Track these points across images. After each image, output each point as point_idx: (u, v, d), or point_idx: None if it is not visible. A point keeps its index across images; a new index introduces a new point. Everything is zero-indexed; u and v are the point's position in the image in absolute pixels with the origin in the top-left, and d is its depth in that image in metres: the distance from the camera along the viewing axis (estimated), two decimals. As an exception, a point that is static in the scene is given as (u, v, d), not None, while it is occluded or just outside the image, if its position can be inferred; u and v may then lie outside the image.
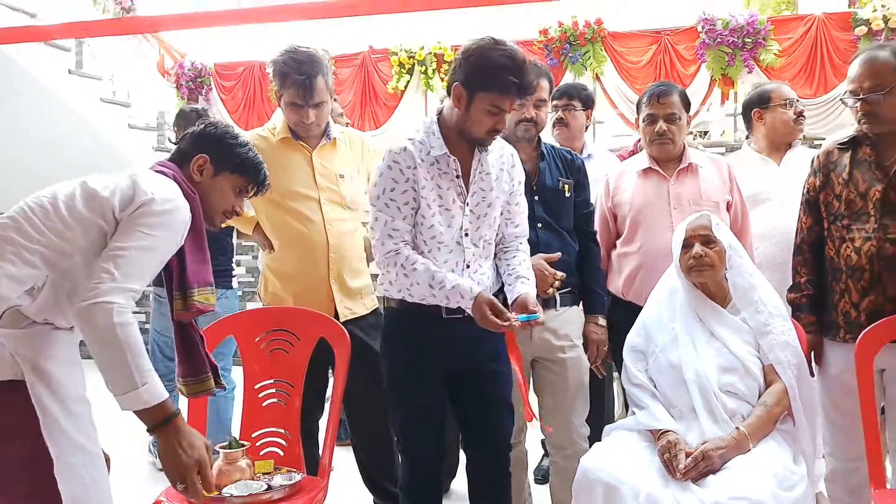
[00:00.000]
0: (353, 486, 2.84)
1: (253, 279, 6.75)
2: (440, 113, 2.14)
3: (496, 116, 2.02)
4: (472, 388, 2.22)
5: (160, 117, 7.13)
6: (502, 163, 2.20)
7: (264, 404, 2.37)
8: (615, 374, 3.28)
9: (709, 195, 2.60)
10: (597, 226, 2.74)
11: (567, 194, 2.54)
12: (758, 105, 3.02)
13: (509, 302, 2.13)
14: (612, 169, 2.84)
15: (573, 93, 3.25)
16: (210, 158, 1.89)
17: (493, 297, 2.03)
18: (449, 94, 2.07)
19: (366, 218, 2.66)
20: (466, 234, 2.12)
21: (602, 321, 2.58)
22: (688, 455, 1.99)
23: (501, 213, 2.22)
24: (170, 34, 7.07)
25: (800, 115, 2.98)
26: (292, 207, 2.48)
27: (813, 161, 2.41)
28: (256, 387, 2.37)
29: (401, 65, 6.27)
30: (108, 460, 1.82)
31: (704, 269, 2.24)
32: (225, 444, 2.14)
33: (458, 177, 2.11)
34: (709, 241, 2.25)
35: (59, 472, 1.65)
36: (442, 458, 2.28)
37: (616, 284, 2.72)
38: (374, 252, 2.09)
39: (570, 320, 2.54)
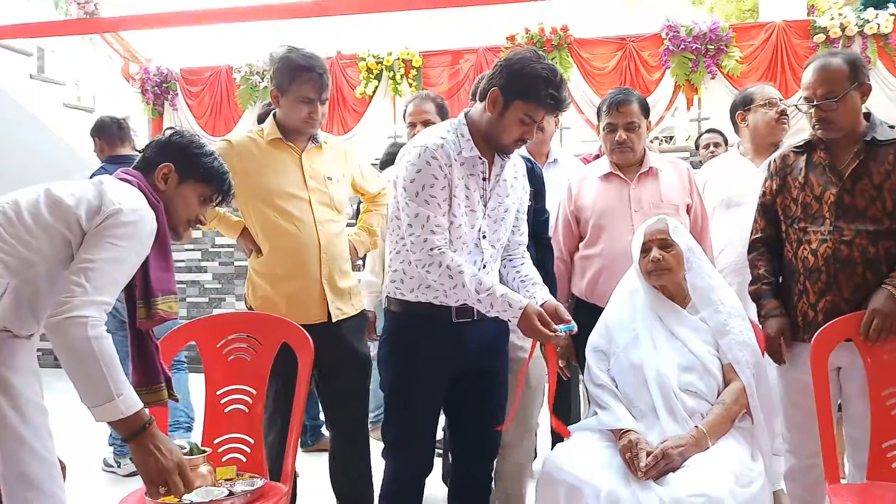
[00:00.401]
0: (318, 493, 2.83)
1: (220, 285, 6.70)
2: (467, 115, 2.15)
3: (527, 126, 2.06)
4: (473, 391, 2.23)
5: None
6: (516, 171, 2.24)
7: (226, 410, 2.35)
8: (580, 376, 3.31)
9: (669, 198, 2.64)
10: (560, 229, 2.78)
11: (528, 203, 2.57)
12: (741, 107, 3.03)
13: None
14: (575, 173, 2.87)
15: None
16: (175, 167, 1.88)
17: (540, 308, 2.04)
18: (482, 98, 2.09)
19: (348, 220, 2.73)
20: (484, 237, 2.14)
21: None
22: (648, 454, 2.01)
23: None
24: (135, 39, 6.98)
25: (782, 114, 2.98)
26: (283, 208, 2.48)
27: (769, 165, 2.45)
28: (218, 393, 2.35)
29: (369, 70, 6.26)
30: (63, 468, 1.81)
31: (663, 273, 2.28)
32: (186, 450, 2.12)
33: (484, 179, 2.13)
34: (666, 244, 2.28)
35: (14, 479, 1.64)
36: (430, 468, 2.28)
37: (579, 287, 2.76)
38: (413, 248, 2.04)
39: None
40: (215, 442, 2.31)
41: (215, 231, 6.68)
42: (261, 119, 3.57)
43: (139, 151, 1.97)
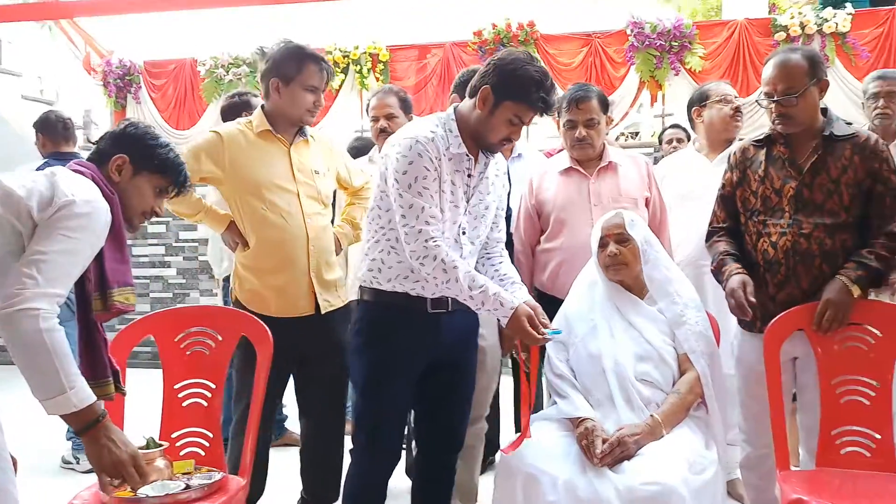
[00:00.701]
0: (282, 488, 2.82)
1: (184, 280, 6.63)
2: (456, 110, 2.16)
3: (514, 127, 2.08)
4: (443, 383, 2.25)
5: (86, 115, 6.95)
6: (497, 169, 2.26)
7: (185, 404, 2.33)
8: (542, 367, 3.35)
9: (628, 192, 2.68)
10: (521, 223, 2.80)
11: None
12: (697, 103, 3.10)
13: None
14: (536, 168, 2.89)
15: None
16: (129, 158, 1.87)
17: (531, 310, 2.05)
18: (471, 95, 2.10)
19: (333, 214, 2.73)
20: (464, 233, 2.15)
21: None
22: (604, 441, 2.04)
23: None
24: (97, 31, 6.87)
25: (737, 110, 3.04)
26: (271, 201, 2.48)
27: (729, 158, 2.49)
28: (176, 387, 2.33)
29: (335, 64, 6.23)
30: (15, 463, 1.78)
31: (619, 268, 2.32)
32: (142, 444, 2.10)
33: (469, 176, 2.14)
34: (623, 239, 2.32)
35: None
36: (398, 461, 2.28)
37: (540, 279, 2.79)
38: (408, 239, 2.03)
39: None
40: (173, 436, 2.29)
41: (179, 226, 6.62)
42: (224, 112, 3.54)
43: (93, 143, 1.95)
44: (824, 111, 2.35)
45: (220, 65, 6.44)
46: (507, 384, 3.21)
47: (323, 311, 2.53)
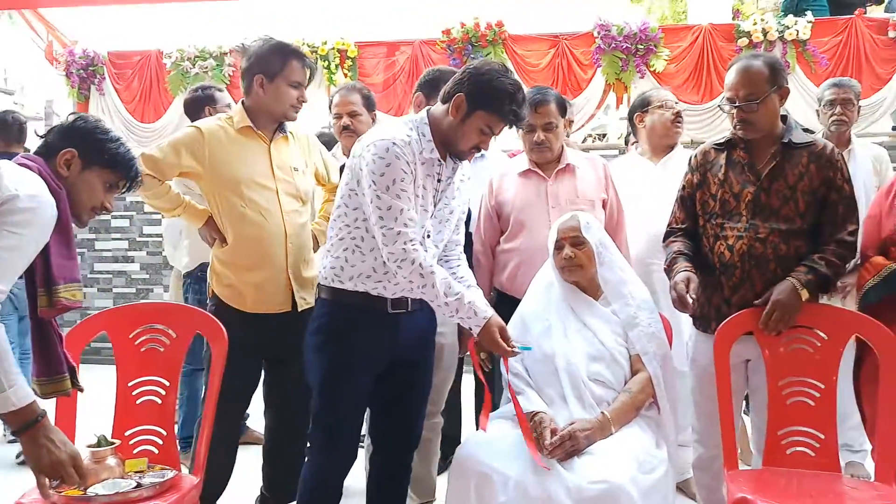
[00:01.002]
0: (242, 486, 2.82)
1: (148, 276, 6.55)
2: (429, 113, 2.17)
3: (484, 136, 2.11)
4: (400, 381, 2.26)
5: (48, 106, 6.82)
6: (463, 173, 2.28)
7: (139, 402, 2.32)
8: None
9: (585, 194, 2.71)
10: (482, 224, 2.83)
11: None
12: (639, 109, 3.17)
13: None
14: (496, 169, 2.92)
15: None
16: (78, 153, 1.85)
17: (503, 322, 2.10)
18: (444, 100, 2.12)
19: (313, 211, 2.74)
20: (429, 236, 2.16)
21: None
22: (555, 433, 2.08)
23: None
24: (60, 20, 6.73)
25: (677, 115, 3.11)
26: (250, 198, 2.48)
27: (690, 160, 2.53)
28: (130, 384, 2.32)
29: (303, 59, 6.20)
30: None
31: (575, 270, 2.35)
32: (94, 442, 2.09)
33: (438, 181, 2.16)
34: (578, 242, 2.35)
35: None
36: (355, 459, 2.29)
37: (500, 280, 2.82)
38: (386, 241, 2.03)
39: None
40: (127, 434, 2.28)
41: (143, 220, 6.52)
42: (187, 106, 3.52)
43: (41, 136, 1.93)
44: (784, 118, 2.40)
45: (186, 57, 6.35)
46: (468, 382, 3.24)
47: (300, 309, 2.53)
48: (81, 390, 1.95)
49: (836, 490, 2.15)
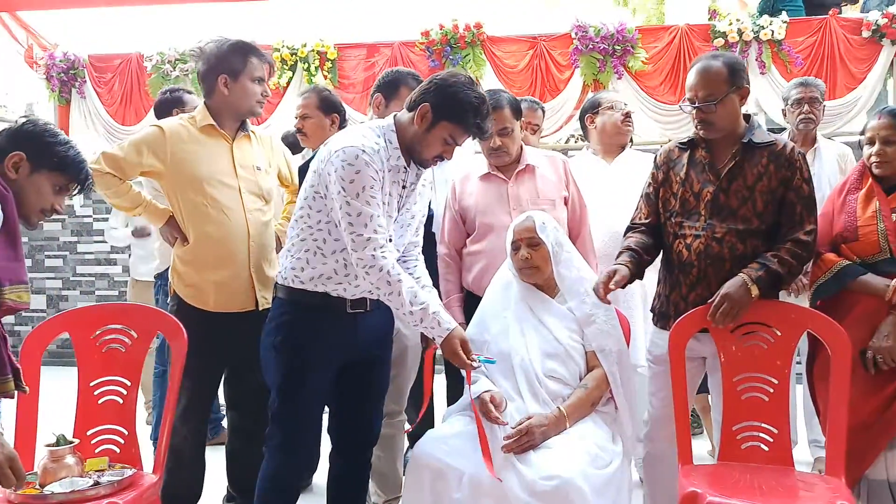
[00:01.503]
0: (219, 486, 2.85)
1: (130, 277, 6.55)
2: (395, 120, 2.19)
3: (448, 146, 2.14)
4: (358, 379, 2.29)
5: (28, 109, 6.82)
6: (424, 179, 2.31)
7: (101, 402, 2.33)
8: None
9: (546, 194, 2.74)
10: (446, 227, 2.85)
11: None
12: (589, 111, 3.24)
13: None
14: (457, 173, 2.93)
15: None
16: (27, 156, 1.86)
17: (465, 335, 2.13)
18: (410, 108, 2.14)
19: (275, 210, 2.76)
20: (390, 240, 2.17)
21: None
22: (498, 406, 2.15)
23: None
24: (40, 24, 6.73)
25: (627, 116, 3.18)
26: (212, 196, 2.50)
27: (656, 157, 2.55)
28: (92, 384, 2.33)
29: (283, 61, 6.20)
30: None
31: (531, 271, 2.38)
32: (52, 441, 2.11)
33: (403, 187, 2.19)
34: (534, 243, 2.38)
35: None
36: (318, 458, 2.32)
37: (467, 280, 2.84)
38: (355, 246, 2.05)
39: None
40: (88, 433, 2.30)
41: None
42: (157, 108, 3.53)
43: None
44: (748, 117, 2.42)
45: (166, 60, 6.36)
46: (441, 382, 3.27)
47: (261, 308, 2.55)
48: (25, 392, 1.95)
49: (786, 483, 2.18)
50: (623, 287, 2.33)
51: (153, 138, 2.53)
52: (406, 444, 3.00)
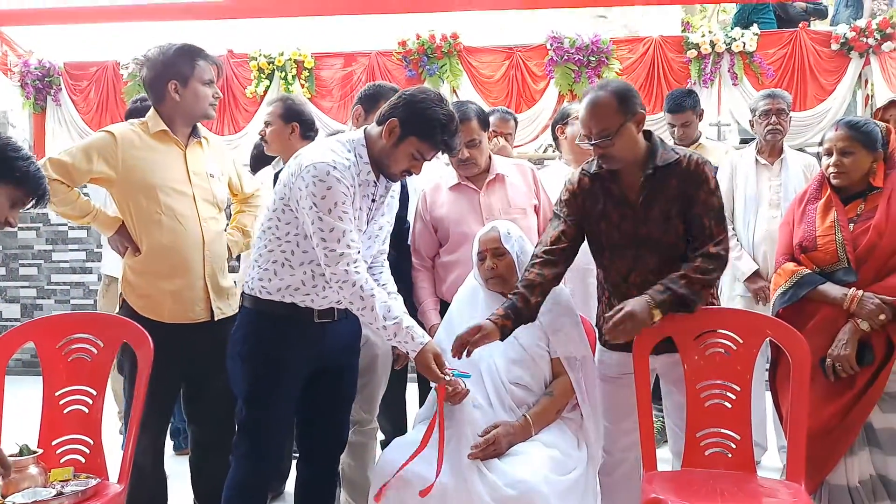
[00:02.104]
0: (183, 495, 2.82)
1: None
2: (366, 133, 2.19)
3: (416, 162, 2.15)
4: (325, 387, 2.29)
5: (2, 117, 6.76)
6: (393, 191, 2.32)
7: (66, 411, 2.32)
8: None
9: (516, 203, 2.77)
10: (418, 238, 2.86)
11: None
12: (559, 122, 3.30)
13: None
14: (428, 183, 2.94)
15: None
16: None
17: (438, 350, 2.13)
18: (379, 123, 2.15)
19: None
20: (359, 252, 2.17)
21: None
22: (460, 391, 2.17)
23: None
24: (15, 31, 6.70)
25: None
26: (167, 204, 2.45)
27: (566, 183, 2.44)
28: (57, 394, 2.32)
29: (260, 70, 6.22)
30: None
31: (497, 280, 2.41)
32: (15, 452, 2.10)
33: (373, 201, 2.20)
34: (499, 253, 2.40)
35: None
36: (284, 465, 2.31)
37: (441, 290, 2.85)
38: (328, 262, 2.06)
39: None
40: (53, 443, 2.28)
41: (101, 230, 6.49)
42: (128, 116, 3.51)
43: None
44: (649, 136, 2.30)
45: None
46: (413, 390, 3.28)
47: (216, 318, 2.53)
48: None
49: (747, 489, 2.21)
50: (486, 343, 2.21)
51: (104, 144, 2.45)
52: (379, 452, 3.00)
